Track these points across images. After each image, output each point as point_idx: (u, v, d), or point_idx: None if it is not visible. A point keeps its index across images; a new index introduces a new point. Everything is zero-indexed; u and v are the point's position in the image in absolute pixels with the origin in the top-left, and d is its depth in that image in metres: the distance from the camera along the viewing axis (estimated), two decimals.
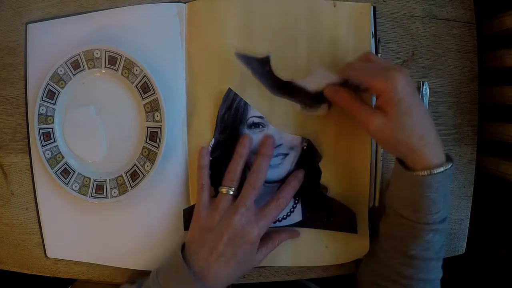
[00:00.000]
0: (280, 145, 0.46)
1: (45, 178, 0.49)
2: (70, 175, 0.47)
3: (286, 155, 0.46)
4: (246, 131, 0.45)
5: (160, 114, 0.44)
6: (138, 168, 0.45)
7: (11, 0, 0.51)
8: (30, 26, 0.49)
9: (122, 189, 0.45)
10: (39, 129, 0.46)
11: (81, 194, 0.46)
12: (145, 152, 0.45)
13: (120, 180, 0.46)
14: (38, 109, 0.46)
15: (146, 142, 0.45)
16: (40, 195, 0.50)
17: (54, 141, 0.47)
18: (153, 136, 0.44)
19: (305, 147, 0.46)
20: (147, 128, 0.45)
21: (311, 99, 0.45)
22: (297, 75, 0.46)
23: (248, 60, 0.45)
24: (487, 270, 0.57)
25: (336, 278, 0.50)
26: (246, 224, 0.39)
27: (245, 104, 0.46)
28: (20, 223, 0.52)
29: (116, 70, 0.45)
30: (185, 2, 0.47)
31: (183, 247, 0.43)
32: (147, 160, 0.44)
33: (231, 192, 0.41)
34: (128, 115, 0.46)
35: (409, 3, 0.49)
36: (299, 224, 0.47)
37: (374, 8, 0.48)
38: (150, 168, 0.44)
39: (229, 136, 0.46)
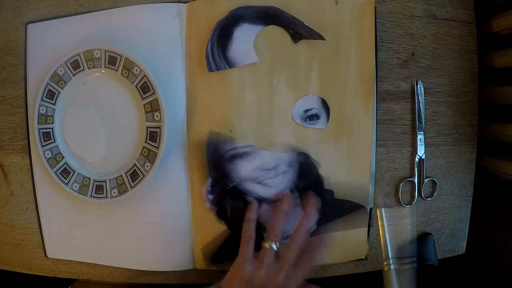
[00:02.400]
0: (277, 165, 0.46)
1: (45, 178, 0.49)
2: (70, 175, 0.46)
3: (285, 172, 0.47)
4: (238, 161, 0.46)
5: (160, 114, 0.44)
6: (138, 168, 0.45)
7: (11, 0, 0.51)
8: (30, 26, 0.49)
9: (122, 189, 0.45)
10: (39, 129, 0.46)
11: (81, 194, 0.46)
12: (145, 152, 0.45)
13: (120, 180, 0.46)
14: (38, 109, 0.46)
15: (146, 142, 0.45)
16: (40, 195, 0.50)
17: (54, 141, 0.47)
18: (153, 136, 0.44)
19: (302, 160, 0.46)
20: (147, 128, 0.45)
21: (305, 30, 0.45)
22: (296, 78, 0.46)
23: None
24: (487, 270, 0.57)
25: (336, 278, 0.50)
26: (288, 280, 0.40)
27: (231, 138, 0.46)
28: (20, 223, 0.52)
29: (116, 70, 0.45)
30: (185, 2, 0.47)
31: None
32: (147, 160, 0.44)
33: (275, 247, 0.42)
34: (128, 115, 0.46)
35: (409, 3, 0.49)
36: (315, 232, 0.48)
37: (374, 8, 0.48)
38: (150, 168, 0.44)
39: (223, 172, 0.46)
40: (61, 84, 0.46)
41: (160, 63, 0.47)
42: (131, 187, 0.45)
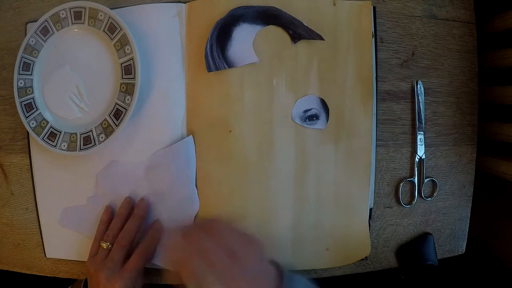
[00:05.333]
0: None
1: (45, 178, 0.50)
2: (57, 136, 0.47)
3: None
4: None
5: (130, 46, 0.44)
6: (120, 105, 0.45)
7: (11, 0, 0.51)
8: (30, 26, 0.49)
9: (108, 131, 0.46)
10: (21, 102, 0.47)
11: (70, 151, 0.46)
12: (123, 88, 0.45)
13: (105, 123, 0.46)
14: (16, 83, 0.47)
15: (122, 78, 0.45)
16: (39, 195, 0.50)
17: (37, 109, 0.48)
18: (128, 69, 0.45)
19: None
20: (121, 64, 0.45)
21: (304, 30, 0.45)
22: (295, 78, 0.46)
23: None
24: (487, 270, 0.57)
25: (336, 278, 0.50)
26: (110, 277, 0.42)
27: None
28: (20, 223, 0.52)
29: (83, 23, 0.46)
30: (184, 2, 0.47)
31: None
32: (127, 94, 0.45)
33: (106, 246, 0.44)
34: (102, 60, 0.47)
35: (409, 3, 0.49)
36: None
37: (374, 8, 0.48)
38: (131, 100, 0.44)
39: None
40: (34, 53, 0.47)
41: (160, 63, 0.47)
42: (117, 126, 0.45)
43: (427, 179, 0.50)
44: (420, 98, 0.49)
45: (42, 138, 0.47)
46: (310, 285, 0.39)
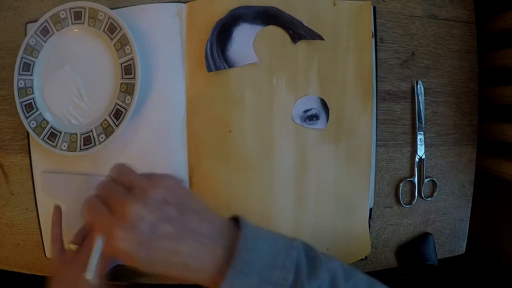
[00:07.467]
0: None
1: (44, 178, 0.49)
2: (57, 136, 0.47)
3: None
4: None
5: (130, 46, 0.45)
6: (120, 105, 0.45)
7: (11, 0, 0.51)
8: (30, 26, 0.49)
9: (108, 131, 0.46)
10: (21, 102, 0.47)
11: (71, 151, 0.46)
12: (123, 88, 0.45)
13: (105, 124, 0.46)
14: (17, 83, 0.47)
15: (122, 78, 0.46)
16: (39, 195, 0.50)
17: (37, 109, 0.48)
18: (128, 69, 0.45)
19: None
20: (121, 64, 0.46)
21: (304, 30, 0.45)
22: (295, 78, 0.46)
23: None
24: (487, 270, 0.57)
25: None
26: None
27: None
28: (20, 223, 0.52)
29: (83, 23, 0.46)
30: (185, 2, 0.47)
31: None
32: (127, 94, 0.45)
33: (73, 247, 0.43)
34: (101, 60, 0.47)
35: (409, 3, 0.49)
36: None
37: (374, 8, 0.48)
38: (131, 100, 0.45)
39: None
40: (35, 54, 0.47)
41: (160, 63, 0.47)
42: (117, 126, 0.45)
43: (427, 179, 0.50)
44: (420, 98, 0.49)
45: (42, 139, 0.47)
46: (271, 236, 0.34)
